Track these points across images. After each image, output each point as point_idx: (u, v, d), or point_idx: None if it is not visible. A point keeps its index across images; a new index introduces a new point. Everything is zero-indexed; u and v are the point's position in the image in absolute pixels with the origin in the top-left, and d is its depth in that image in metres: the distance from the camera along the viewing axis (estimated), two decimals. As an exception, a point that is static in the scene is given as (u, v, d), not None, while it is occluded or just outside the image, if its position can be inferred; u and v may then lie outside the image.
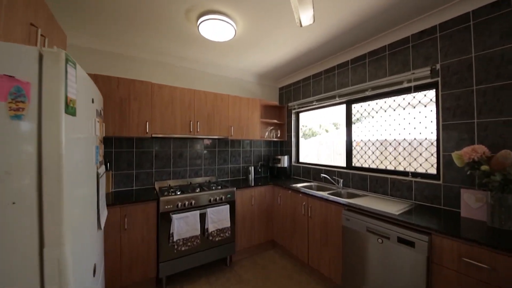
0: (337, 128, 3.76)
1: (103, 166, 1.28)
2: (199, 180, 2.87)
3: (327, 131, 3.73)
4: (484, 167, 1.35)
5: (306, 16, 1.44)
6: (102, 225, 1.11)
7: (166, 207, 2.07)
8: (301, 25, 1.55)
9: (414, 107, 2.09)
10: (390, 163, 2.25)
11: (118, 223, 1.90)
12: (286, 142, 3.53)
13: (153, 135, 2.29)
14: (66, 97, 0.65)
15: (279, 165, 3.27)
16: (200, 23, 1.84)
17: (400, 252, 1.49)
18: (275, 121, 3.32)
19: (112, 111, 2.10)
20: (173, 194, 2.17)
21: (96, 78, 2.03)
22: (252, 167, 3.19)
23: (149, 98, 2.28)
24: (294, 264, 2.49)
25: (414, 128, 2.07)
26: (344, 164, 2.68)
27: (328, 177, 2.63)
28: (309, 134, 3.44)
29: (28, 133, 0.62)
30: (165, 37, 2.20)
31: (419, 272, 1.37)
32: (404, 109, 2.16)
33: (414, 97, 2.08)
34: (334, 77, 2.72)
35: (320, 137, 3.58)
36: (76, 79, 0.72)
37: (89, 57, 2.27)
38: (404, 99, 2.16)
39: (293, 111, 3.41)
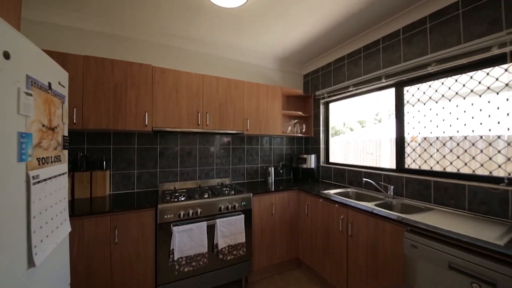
0: (363, 127, 3.11)
1: (59, 166, 0.87)
2: (210, 182, 2.45)
3: (352, 129, 3.09)
4: None
5: None
6: (41, 259, 0.70)
7: (166, 216, 1.67)
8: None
9: (498, 94, 1.43)
10: (466, 164, 1.61)
11: (107, 236, 1.54)
12: (312, 139, 2.97)
13: (154, 129, 1.91)
14: None
15: (304, 166, 2.74)
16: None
17: (521, 312, 0.89)
18: (300, 113, 2.78)
19: (106, 99, 1.75)
20: (175, 200, 1.77)
21: (88, 60, 1.70)
22: (272, 168, 2.70)
23: (149, 85, 1.90)
24: (327, 293, 1.95)
25: (508, 114, 1.41)
26: (392, 166, 2.06)
27: (373, 182, 2.04)
28: (331, 133, 2.86)
29: None
30: (168, 11, 1.81)
31: None
32: (488, 88, 1.51)
33: (506, 70, 1.43)
34: (379, 53, 2.12)
35: (346, 136, 2.98)
36: None
37: (81, 39, 1.96)
38: (488, 74, 1.51)
39: (322, 101, 2.84)
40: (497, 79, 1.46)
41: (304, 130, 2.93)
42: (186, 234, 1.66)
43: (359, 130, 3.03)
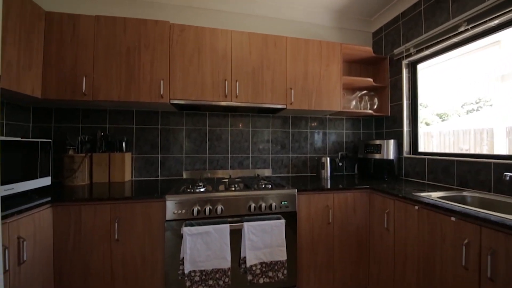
0: (443, 120, 1.93)
1: None
2: (244, 173, 1.94)
3: (427, 124, 1.98)
4: None
5: None
6: None
7: (175, 212, 1.23)
8: None
9: None
10: None
11: (107, 230, 1.21)
12: (390, 119, 2.09)
13: (172, 101, 1.53)
14: None
15: (377, 157, 1.90)
16: None
17: None
18: (370, 80, 1.96)
19: (117, 65, 1.47)
20: (190, 190, 1.32)
21: (99, 21, 1.46)
22: (328, 159, 1.98)
23: (166, 46, 1.53)
24: None
25: None
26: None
27: (530, 179, 1.10)
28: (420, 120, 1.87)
29: None
30: None
31: None
32: None
33: None
34: None
35: (426, 128, 1.95)
36: None
37: (94, 6, 1.76)
38: None
39: (405, 61, 1.94)
40: None
41: (375, 107, 2.08)
42: (201, 239, 1.18)
43: (438, 125, 1.95)
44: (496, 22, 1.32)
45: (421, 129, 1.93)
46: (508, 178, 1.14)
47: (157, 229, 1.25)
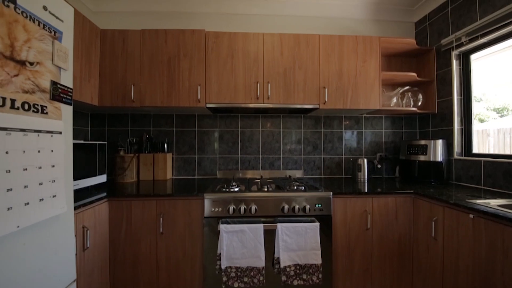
0: (501, 116, 1.58)
1: (40, 119, 0.62)
2: (275, 174, 1.95)
3: (481, 120, 1.65)
4: None
5: None
6: None
7: (213, 209, 1.30)
8: None
9: None
10: None
11: (152, 223, 1.33)
12: (437, 117, 1.89)
13: (208, 105, 1.62)
14: None
15: (422, 158, 1.74)
16: None
17: None
18: (413, 74, 1.80)
19: (160, 74, 1.60)
20: (226, 190, 1.37)
21: (144, 34, 1.61)
22: (365, 160, 1.87)
23: (202, 53, 1.62)
24: None
25: None
26: None
27: None
28: (474, 115, 1.64)
29: None
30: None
31: None
32: None
33: None
34: None
35: (481, 126, 1.66)
36: None
37: (139, 21, 1.93)
38: None
39: (455, 52, 1.73)
40: None
41: (420, 103, 1.90)
42: (236, 237, 1.22)
43: (496, 121, 1.64)
44: None
45: (474, 126, 1.71)
46: None
47: (196, 225, 1.34)
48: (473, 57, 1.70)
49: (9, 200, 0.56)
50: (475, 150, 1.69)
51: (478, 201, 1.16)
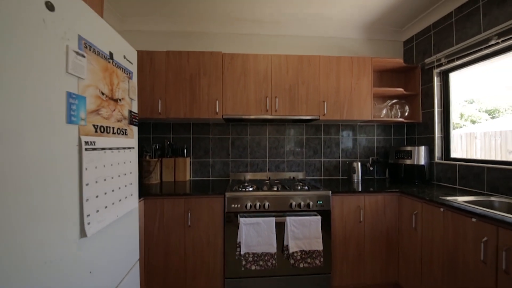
0: (492, 117, 1.89)
1: (124, 139, 0.87)
2: (281, 175, 2.22)
3: (473, 121, 1.95)
4: None
5: None
6: (94, 230, 0.68)
7: (233, 205, 1.56)
8: None
9: None
10: None
11: (182, 218, 1.59)
12: (421, 126, 2.18)
13: (224, 116, 1.88)
14: None
15: (408, 162, 2.02)
16: None
17: None
18: (400, 90, 2.08)
19: (183, 89, 1.86)
20: (242, 190, 1.64)
21: (169, 55, 1.86)
22: (359, 163, 2.15)
23: (220, 72, 1.88)
24: None
25: None
26: None
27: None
28: (452, 123, 1.91)
29: None
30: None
31: None
32: None
33: None
34: None
35: (468, 129, 1.94)
36: None
37: (163, 40, 2.19)
38: None
39: (436, 70, 2.02)
40: None
41: (407, 114, 2.18)
42: (253, 228, 1.49)
43: (490, 121, 1.91)
44: (528, 36, 1.39)
45: (464, 128, 1.97)
46: (534, 186, 1.23)
47: (218, 219, 1.60)
48: (453, 75, 1.98)
49: (113, 198, 0.82)
50: (457, 153, 1.97)
51: (448, 198, 1.44)
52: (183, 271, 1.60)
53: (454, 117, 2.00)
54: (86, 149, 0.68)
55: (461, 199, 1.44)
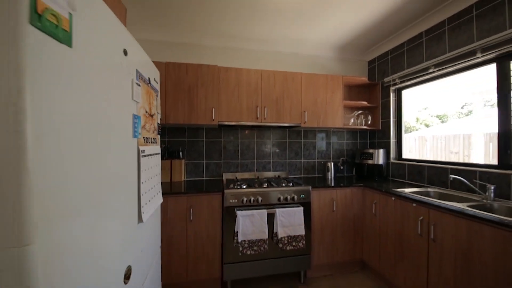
0: (442, 122, 2.49)
1: (155, 147, 1.09)
2: (267, 174, 2.53)
3: (427, 125, 2.52)
4: None
5: None
6: (146, 217, 0.90)
7: (231, 201, 1.82)
8: None
9: None
10: None
11: (184, 214, 1.80)
12: (380, 132, 2.67)
13: (219, 123, 2.12)
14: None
15: (370, 162, 2.48)
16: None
17: None
18: (364, 103, 2.54)
19: (182, 98, 2.06)
20: (238, 187, 1.91)
21: (168, 66, 2.04)
22: (332, 163, 2.56)
23: (215, 83, 2.12)
24: (400, 304, 1.71)
25: None
26: (494, 162, 1.64)
27: (464, 180, 1.68)
28: (404, 128, 2.45)
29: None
30: (233, 14, 1.97)
31: None
32: None
33: None
34: (471, 22, 1.72)
35: (421, 132, 2.49)
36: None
37: (161, 49, 2.35)
38: None
39: (392, 88, 2.51)
40: None
41: (369, 122, 2.66)
42: (248, 219, 1.77)
43: (438, 126, 2.49)
44: (453, 68, 1.89)
45: (418, 132, 2.47)
46: (452, 178, 1.73)
47: (217, 213, 1.85)
48: (405, 92, 2.49)
49: (152, 194, 1.03)
50: (410, 154, 2.47)
51: (398, 190, 1.89)
52: (185, 260, 1.81)
53: (411, 121, 2.51)
54: (142, 156, 0.89)
55: (407, 190, 1.90)
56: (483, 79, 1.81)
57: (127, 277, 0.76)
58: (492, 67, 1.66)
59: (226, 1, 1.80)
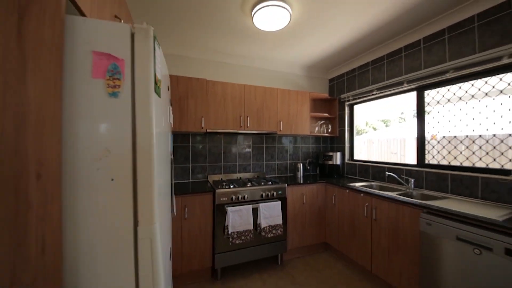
0: (386, 126, 3.27)
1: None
2: (247, 175, 2.87)
3: (374, 128, 3.28)
4: None
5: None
6: (175, 211, 1.15)
7: (222, 199, 2.11)
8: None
9: (510, 97, 1.64)
10: (480, 159, 1.83)
11: (179, 213, 2.01)
12: (338, 138, 3.27)
13: (208, 130, 2.37)
14: (155, 75, 0.66)
15: (330, 163, 3.04)
16: (254, 13, 1.81)
17: (508, 266, 1.16)
18: (326, 114, 3.10)
19: (173, 108, 2.24)
20: (227, 187, 2.20)
21: (159, 78, 2.20)
22: (301, 164, 3.04)
23: (205, 95, 2.36)
24: (352, 271, 2.26)
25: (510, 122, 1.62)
26: (414, 162, 2.31)
27: (395, 175, 2.31)
28: (355, 133, 3.12)
29: (123, 110, 0.64)
30: (220, 34, 2.25)
31: (548, 299, 1.04)
32: (501, 92, 1.72)
33: (509, 84, 1.64)
34: (401, 60, 2.37)
35: (369, 135, 3.20)
36: (160, 59, 0.74)
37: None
38: (501, 79, 1.72)
39: (347, 103, 3.13)
40: (509, 84, 1.68)
41: (330, 130, 3.23)
42: (237, 214, 2.09)
43: (383, 129, 3.23)
44: (389, 92, 2.54)
45: (368, 135, 3.12)
46: (387, 175, 2.36)
47: (209, 211, 2.11)
48: (356, 106, 3.12)
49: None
50: (359, 156, 3.11)
51: (350, 184, 2.44)
52: (180, 254, 2.02)
53: (361, 125, 3.16)
54: (171, 160, 1.13)
55: (357, 184, 2.47)
56: (412, 97, 2.49)
57: (170, 256, 1.01)
58: (414, 93, 2.33)
59: (215, 24, 2.07)
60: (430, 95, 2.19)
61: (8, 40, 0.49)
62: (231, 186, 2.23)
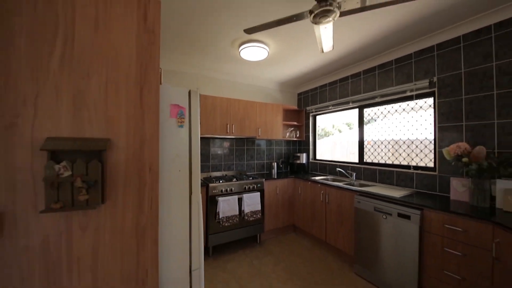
0: (350, 128, 4.16)
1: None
2: (231, 173, 3.43)
3: (340, 131, 4.14)
4: (465, 159, 1.78)
5: (327, 47, 1.93)
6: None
7: (214, 191, 2.64)
8: (322, 51, 2.04)
9: (416, 112, 2.51)
10: (396, 158, 2.68)
11: (178, 203, 2.49)
12: (304, 142, 4.01)
13: (200, 136, 2.87)
14: (199, 115, 1.18)
15: (298, 162, 3.76)
16: (241, 50, 2.39)
17: (399, 224, 1.94)
18: (295, 123, 3.81)
19: (171, 116, 2.69)
20: (217, 182, 2.74)
21: (160, 92, 2.64)
22: (275, 163, 3.70)
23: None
24: (314, 243, 2.98)
25: (416, 129, 2.49)
26: (356, 160, 3.12)
27: (343, 171, 3.10)
28: (321, 135, 3.91)
29: (185, 134, 1.16)
30: (214, 58, 2.77)
31: (414, 238, 1.83)
32: (408, 113, 2.59)
33: (416, 103, 2.50)
34: (348, 85, 3.17)
35: (335, 137, 4.02)
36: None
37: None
38: (408, 104, 2.58)
39: (311, 114, 3.89)
40: (412, 108, 2.54)
41: (298, 135, 3.96)
42: (226, 203, 2.64)
43: (347, 132, 4.07)
44: (340, 108, 3.34)
45: (333, 136, 3.91)
46: (337, 171, 3.15)
47: (203, 201, 2.62)
48: (318, 117, 3.89)
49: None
50: (329, 154, 3.88)
51: (312, 178, 3.17)
52: (179, 237, 2.50)
53: (328, 127, 3.94)
54: None
55: (317, 178, 3.21)
56: (355, 114, 3.31)
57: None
58: (357, 110, 3.14)
59: (210, 52, 2.60)
60: (367, 112, 3.02)
61: (135, 101, 1.00)
62: (221, 181, 2.78)
